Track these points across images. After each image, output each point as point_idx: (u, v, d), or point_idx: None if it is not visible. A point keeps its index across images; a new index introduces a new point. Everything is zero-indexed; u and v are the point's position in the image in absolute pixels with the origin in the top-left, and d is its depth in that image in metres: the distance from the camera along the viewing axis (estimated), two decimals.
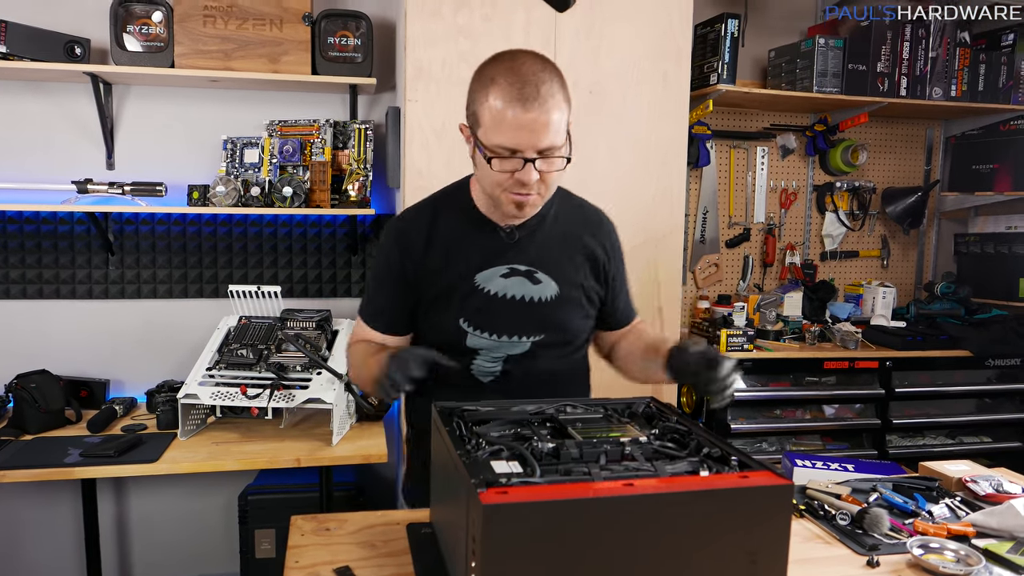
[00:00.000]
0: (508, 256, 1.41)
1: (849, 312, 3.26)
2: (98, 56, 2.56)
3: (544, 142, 1.24)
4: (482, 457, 1.06)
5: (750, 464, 1.05)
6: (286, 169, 2.64)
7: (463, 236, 1.41)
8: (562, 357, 1.48)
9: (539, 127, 1.22)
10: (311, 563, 1.20)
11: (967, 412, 3.16)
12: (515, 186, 1.28)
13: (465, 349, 1.41)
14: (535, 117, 1.21)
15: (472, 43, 2.34)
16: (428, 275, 1.41)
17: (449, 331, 1.40)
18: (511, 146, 1.24)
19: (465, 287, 1.39)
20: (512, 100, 1.21)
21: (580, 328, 1.49)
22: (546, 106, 1.22)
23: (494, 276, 1.39)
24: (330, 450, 2.18)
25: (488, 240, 1.41)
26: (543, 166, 1.26)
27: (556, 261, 1.43)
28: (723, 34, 2.87)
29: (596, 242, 1.49)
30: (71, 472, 2.02)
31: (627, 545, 0.93)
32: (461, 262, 1.40)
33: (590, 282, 1.48)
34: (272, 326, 2.40)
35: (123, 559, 2.83)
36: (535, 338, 1.42)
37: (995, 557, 1.27)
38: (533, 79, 1.22)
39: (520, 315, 1.40)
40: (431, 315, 1.43)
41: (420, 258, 1.40)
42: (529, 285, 1.40)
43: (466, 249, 1.40)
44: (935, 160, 3.57)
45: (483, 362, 1.43)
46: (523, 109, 1.21)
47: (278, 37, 2.52)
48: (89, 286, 2.69)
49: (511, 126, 1.22)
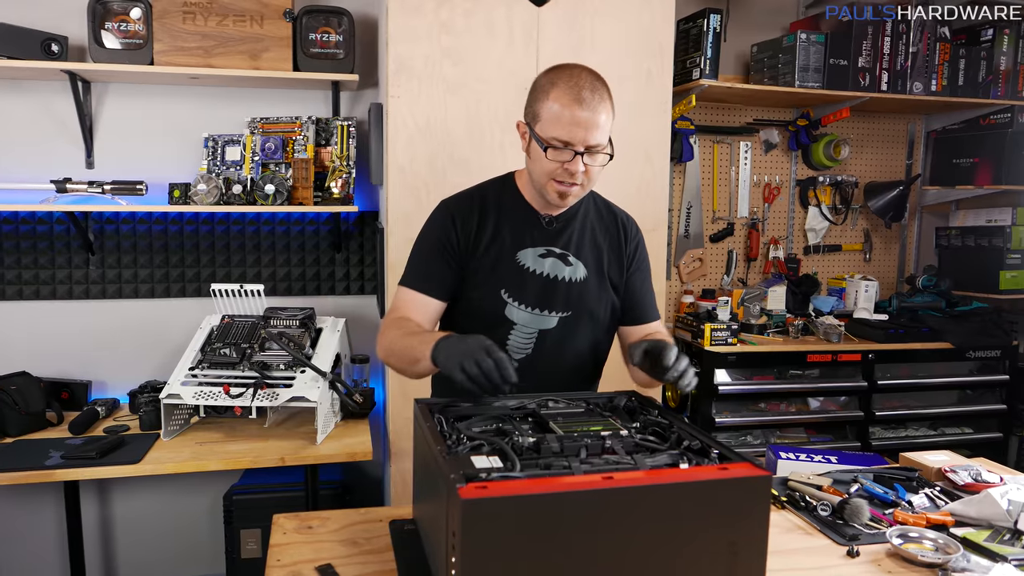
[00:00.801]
0: (546, 239, 1.59)
1: (832, 306, 3.28)
2: (76, 54, 2.53)
3: (593, 139, 1.43)
4: (463, 452, 1.06)
5: (730, 456, 1.05)
6: (268, 167, 2.62)
7: (509, 218, 1.59)
8: (584, 336, 1.61)
9: (591, 125, 1.42)
10: (293, 561, 1.20)
11: (948, 403, 3.20)
12: (563, 175, 1.46)
13: (503, 320, 1.56)
14: (588, 116, 1.41)
15: (454, 39, 2.33)
16: (476, 248, 1.57)
17: (491, 300, 1.56)
18: (565, 139, 1.43)
19: (508, 261, 1.56)
20: (571, 100, 1.42)
21: (604, 312, 1.62)
22: (597, 108, 1.43)
23: (533, 255, 1.57)
24: (315, 448, 2.17)
25: (530, 224, 1.59)
26: (589, 160, 1.45)
27: (587, 249, 1.61)
28: (705, 29, 2.88)
29: (623, 240, 1.66)
30: (52, 474, 2.00)
31: (607, 537, 0.93)
32: (506, 239, 1.57)
33: (614, 271, 1.63)
34: (255, 325, 2.39)
35: (107, 561, 2.81)
36: (563, 314, 1.57)
37: (973, 545, 1.28)
38: (588, 85, 1.43)
39: (552, 291, 1.57)
40: (475, 286, 1.57)
41: (471, 232, 1.57)
42: (562, 266, 1.58)
43: (511, 229, 1.58)
44: (916, 154, 3.60)
45: (518, 337, 1.57)
46: (579, 108, 1.41)
47: (259, 33, 2.51)
48: (69, 286, 2.67)
49: (568, 122, 1.42)
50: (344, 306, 2.89)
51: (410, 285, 1.58)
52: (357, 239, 2.88)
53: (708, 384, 2.83)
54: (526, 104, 1.52)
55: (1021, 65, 3.28)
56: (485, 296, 1.56)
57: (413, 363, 1.41)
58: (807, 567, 1.22)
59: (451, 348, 1.29)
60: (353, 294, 2.91)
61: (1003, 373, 3.14)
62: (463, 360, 1.23)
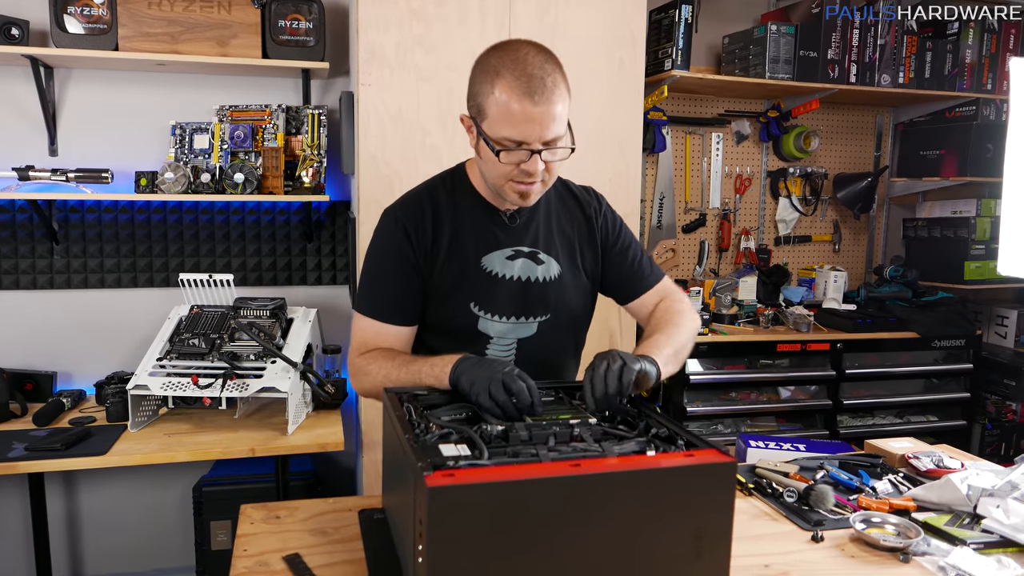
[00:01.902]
0: (511, 239, 1.44)
1: (802, 296, 3.32)
2: (38, 38, 2.47)
3: (550, 134, 1.27)
4: (431, 441, 1.06)
5: (696, 443, 1.06)
6: (237, 155, 2.59)
7: (467, 221, 1.43)
8: (567, 338, 1.53)
9: (546, 120, 1.25)
10: (260, 551, 1.19)
11: (914, 392, 3.26)
12: (521, 176, 1.31)
13: (477, 334, 1.43)
14: (543, 111, 1.24)
15: (426, 27, 2.31)
16: (436, 261, 1.42)
17: (461, 316, 1.42)
18: (518, 139, 1.27)
19: (473, 270, 1.42)
20: (520, 94, 1.24)
21: (583, 307, 1.53)
22: (552, 99, 1.25)
23: (500, 258, 1.43)
24: (286, 439, 2.16)
25: (491, 224, 1.44)
26: (548, 156, 1.30)
27: (555, 241, 1.47)
28: (677, 20, 2.89)
29: (591, 218, 1.52)
30: (16, 466, 1.97)
31: (574, 524, 0.93)
32: (468, 246, 1.42)
33: (587, 258, 1.51)
34: (225, 315, 2.36)
35: (74, 555, 2.77)
36: (541, 318, 1.46)
37: (933, 530, 1.31)
38: (539, 72, 1.24)
39: (526, 296, 1.44)
40: (441, 302, 1.43)
41: (428, 244, 1.41)
42: (533, 266, 1.44)
43: (471, 233, 1.42)
44: (884, 146, 3.65)
45: (496, 350, 1.45)
46: (531, 103, 1.23)
47: (226, 20, 2.47)
48: (33, 276, 2.61)
49: (519, 119, 1.25)
50: (316, 296, 2.87)
51: (374, 316, 1.42)
52: (329, 229, 2.85)
53: (680, 374, 2.86)
54: (468, 91, 1.35)
55: (986, 58, 3.34)
56: (454, 313, 1.42)
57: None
58: (772, 552, 1.24)
59: (474, 373, 1.20)
60: (325, 284, 2.88)
61: (967, 362, 3.20)
62: (491, 384, 1.15)
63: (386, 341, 1.42)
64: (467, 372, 1.22)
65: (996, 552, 1.23)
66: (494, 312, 1.42)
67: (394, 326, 1.42)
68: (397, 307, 1.42)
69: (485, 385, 1.16)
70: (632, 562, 0.97)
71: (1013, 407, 3.27)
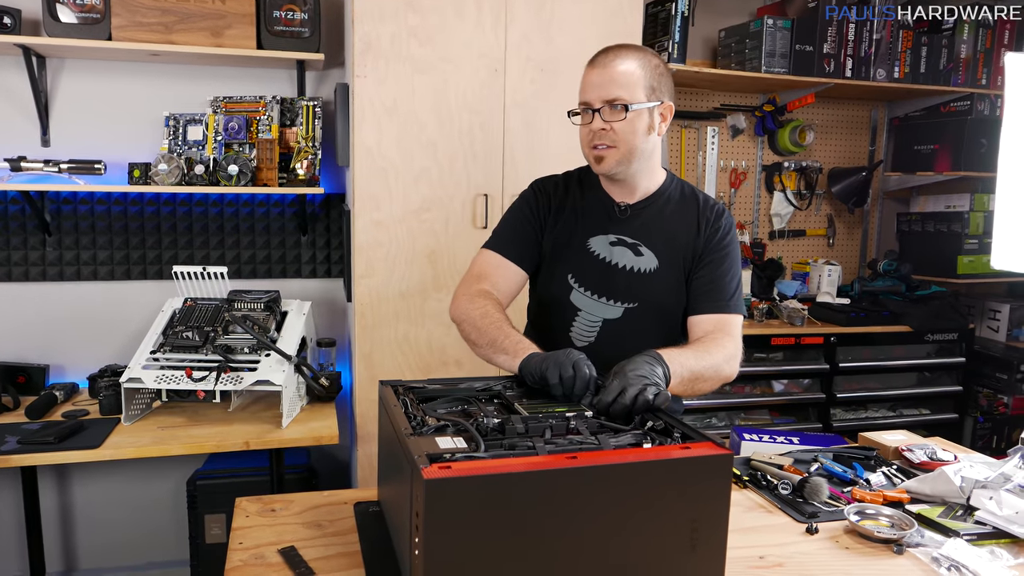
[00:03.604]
0: (618, 228, 1.58)
1: (796, 290, 3.33)
2: (30, 28, 2.45)
3: (608, 93, 1.45)
4: (427, 433, 1.06)
5: (692, 436, 1.07)
6: (232, 147, 2.57)
7: (586, 205, 1.61)
8: (652, 331, 1.57)
9: (604, 80, 1.45)
10: (255, 544, 1.18)
11: (907, 385, 3.27)
12: (591, 138, 1.49)
13: (568, 304, 1.58)
14: (600, 71, 1.46)
15: (421, 17, 2.30)
16: (552, 227, 1.61)
17: (558, 284, 1.59)
18: (584, 100, 1.49)
19: (578, 247, 1.58)
20: (590, 65, 1.49)
21: (675, 304, 1.59)
22: (613, 64, 1.45)
23: (603, 242, 1.58)
24: (280, 432, 2.15)
25: (604, 212, 1.60)
26: (608, 116, 1.46)
27: (659, 239, 1.57)
28: (673, 13, 2.89)
29: (700, 229, 1.58)
30: (8, 460, 1.95)
31: (570, 516, 0.94)
32: (580, 224, 1.59)
33: (687, 260, 1.58)
34: (219, 308, 2.35)
35: (67, 548, 2.77)
36: (628, 305, 1.57)
37: (927, 521, 1.32)
38: (612, 49, 1.48)
39: (619, 281, 1.56)
40: (547, 267, 1.62)
41: (553, 213, 1.61)
42: (632, 256, 1.56)
43: (586, 215, 1.60)
44: (879, 141, 3.66)
45: (581, 325, 1.59)
46: (593, 68, 1.48)
47: (221, 10, 2.45)
48: (25, 268, 2.60)
49: (585, 85, 1.49)
50: (310, 289, 2.86)
51: (493, 247, 1.61)
52: (323, 221, 2.84)
53: None
54: None
55: (981, 53, 3.34)
56: (554, 278, 1.60)
57: (496, 352, 1.40)
58: (767, 544, 1.25)
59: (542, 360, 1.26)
60: (319, 277, 2.87)
61: (960, 356, 3.22)
62: (559, 366, 1.22)
63: (498, 273, 1.59)
64: (537, 358, 1.27)
65: (989, 543, 1.24)
66: (586, 287, 1.57)
67: (509, 261, 1.59)
68: (515, 245, 1.61)
69: (554, 365, 1.22)
70: (628, 554, 0.97)
71: (1005, 400, 3.29)
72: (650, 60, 1.49)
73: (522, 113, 2.43)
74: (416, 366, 2.43)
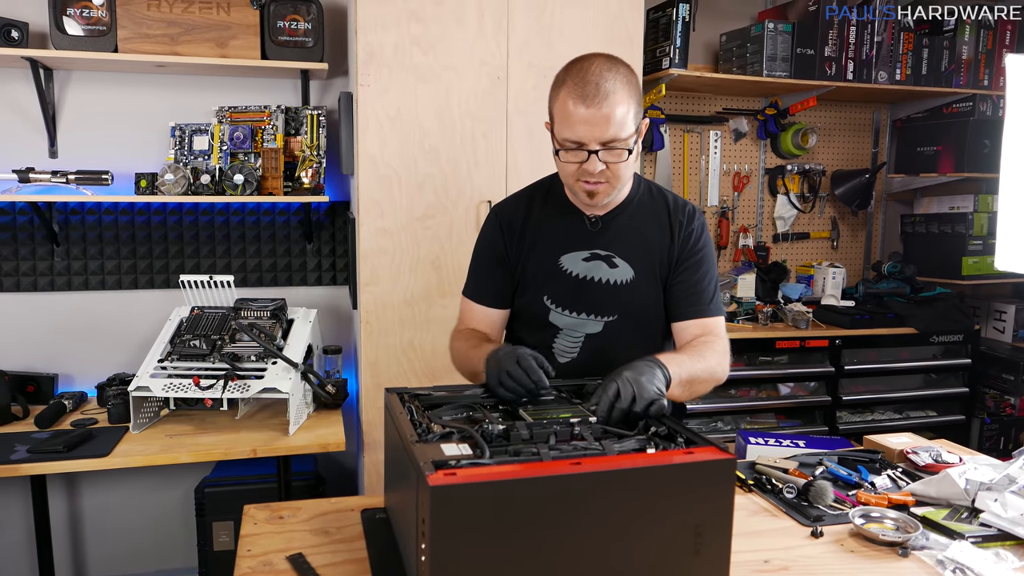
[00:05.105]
0: (591, 242, 1.55)
1: (800, 293, 3.33)
2: (37, 40, 2.47)
3: (607, 135, 1.36)
4: (432, 440, 1.07)
5: (696, 440, 1.07)
6: (237, 156, 2.59)
7: (552, 222, 1.58)
8: (634, 341, 1.56)
9: (600, 120, 1.34)
10: (264, 551, 1.20)
11: (913, 387, 3.26)
12: (583, 175, 1.42)
13: (547, 325, 1.58)
14: (595, 112, 1.34)
15: (423, 26, 2.32)
16: (522, 255, 1.59)
17: (535, 306, 1.58)
18: (576, 139, 1.38)
19: (551, 267, 1.56)
20: (576, 98, 1.35)
21: (655, 312, 1.58)
22: (607, 101, 1.34)
23: (577, 259, 1.55)
24: (287, 440, 2.16)
25: (574, 226, 1.56)
26: (607, 157, 1.38)
27: (633, 248, 1.55)
28: (675, 18, 2.90)
29: (673, 232, 1.57)
30: (18, 469, 1.97)
31: (575, 522, 0.94)
32: (549, 244, 1.57)
33: (664, 270, 1.57)
34: (225, 316, 2.37)
35: (77, 556, 2.78)
36: (608, 318, 1.55)
37: (932, 524, 1.32)
38: (595, 78, 1.35)
39: (596, 295, 1.54)
40: (522, 292, 1.60)
41: (517, 240, 1.58)
42: (607, 268, 1.54)
43: (554, 233, 1.57)
44: (882, 143, 3.66)
45: (564, 341, 1.58)
46: (584, 105, 1.34)
47: (225, 21, 2.47)
48: (34, 278, 2.62)
49: (575, 121, 1.36)
50: (316, 297, 2.88)
51: (469, 296, 1.65)
52: (328, 229, 2.86)
53: None
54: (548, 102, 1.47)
55: (982, 55, 3.34)
56: (530, 302, 1.58)
57: (475, 376, 1.48)
58: (772, 547, 1.25)
59: (490, 363, 1.33)
60: (325, 284, 2.89)
61: (965, 357, 3.22)
62: (499, 373, 1.29)
63: (478, 319, 1.63)
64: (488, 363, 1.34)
65: (994, 545, 1.25)
66: (563, 306, 1.56)
67: (485, 307, 1.63)
68: (488, 291, 1.63)
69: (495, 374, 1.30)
70: (633, 559, 0.97)
71: (1011, 401, 3.28)
72: (630, 80, 1.40)
73: (524, 119, 2.44)
74: (422, 372, 2.44)
